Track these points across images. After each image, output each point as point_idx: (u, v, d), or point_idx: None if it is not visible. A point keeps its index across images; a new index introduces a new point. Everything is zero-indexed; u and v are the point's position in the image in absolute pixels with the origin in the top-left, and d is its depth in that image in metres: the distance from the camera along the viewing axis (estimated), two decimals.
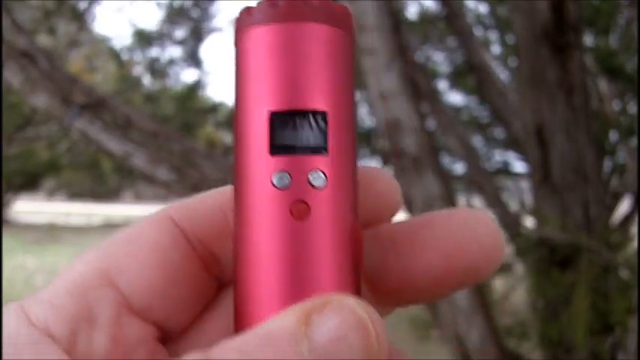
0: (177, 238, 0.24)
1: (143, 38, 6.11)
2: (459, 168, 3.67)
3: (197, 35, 6.25)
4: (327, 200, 0.21)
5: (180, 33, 6.17)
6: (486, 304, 1.79)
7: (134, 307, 0.22)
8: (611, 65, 2.41)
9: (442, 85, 4.53)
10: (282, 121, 0.21)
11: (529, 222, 2.14)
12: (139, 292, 0.23)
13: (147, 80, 6.91)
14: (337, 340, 0.19)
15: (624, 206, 2.64)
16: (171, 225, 0.24)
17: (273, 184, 0.21)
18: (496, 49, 4.05)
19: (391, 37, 1.80)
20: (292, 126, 0.21)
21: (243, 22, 0.23)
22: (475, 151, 2.83)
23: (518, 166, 4.23)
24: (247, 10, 0.23)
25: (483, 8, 3.98)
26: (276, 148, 0.21)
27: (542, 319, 1.77)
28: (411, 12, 3.95)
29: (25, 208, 12.54)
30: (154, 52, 6.37)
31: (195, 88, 6.59)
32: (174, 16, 5.83)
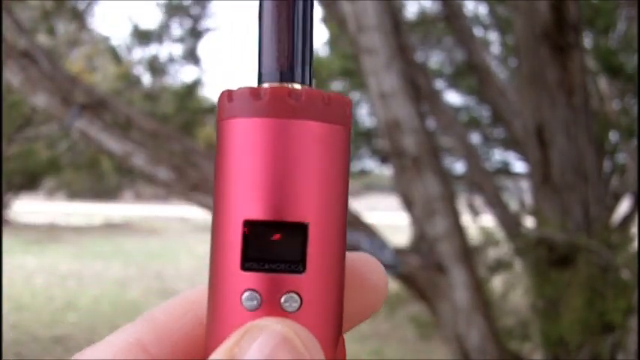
0: None
1: (142, 36, 6.13)
2: (459, 168, 3.68)
3: (196, 33, 6.26)
4: None
5: (178, 30, 6.19)
6: (486, 303, 1.79)
7: None
8: (611, 65, 2.40)
9: (442, 85, 4.53)
10: (258, 231, 0.19)
11: (529, 222, 2.13)
12: None
13: (146, 79, 6.93)
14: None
15: (624, 206, 2.63)
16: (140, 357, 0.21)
17: (242, 305, 0.19)
18: (496, 49, 4.05)
19: (391, 37, 1.80)
20: (268, 238, 0.19)
21: (223, 110, 0.20)
22: (475, 151, 2.83)
23: (518, 166, 4.24)
24: (228, 95, 0.20)
25: (483, 8, 3.98)
26: (249, 262, 0.19)
27: (541, 318, 1.77)
28: (411, 12, 3.95)
29: (25, 207, 12.53)
30: (153, 49, 6.39)
31: (195, 85, 6.59)
32: (173, 13, 5.83)
